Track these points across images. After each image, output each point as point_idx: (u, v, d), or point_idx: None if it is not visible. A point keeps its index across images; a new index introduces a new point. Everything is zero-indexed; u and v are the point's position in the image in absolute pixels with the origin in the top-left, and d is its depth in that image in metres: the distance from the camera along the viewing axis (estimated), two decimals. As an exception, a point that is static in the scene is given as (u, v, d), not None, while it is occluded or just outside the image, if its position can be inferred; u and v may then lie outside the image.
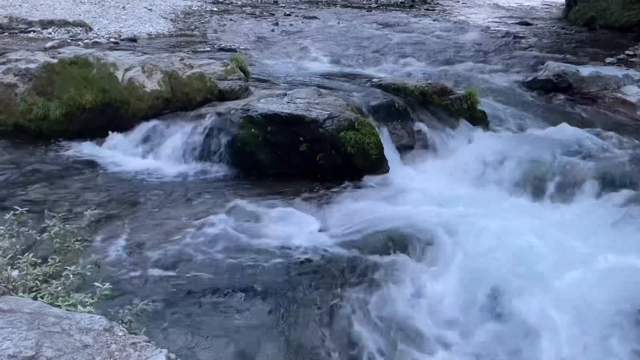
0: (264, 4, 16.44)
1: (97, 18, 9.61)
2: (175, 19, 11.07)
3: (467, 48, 9.60)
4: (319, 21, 12.44)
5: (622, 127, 5.74)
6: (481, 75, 7.72)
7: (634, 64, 8.23)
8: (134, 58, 5.28)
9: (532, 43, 10.60)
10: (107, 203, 3.70)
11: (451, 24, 13.32)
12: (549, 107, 6.28)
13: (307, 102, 4.89)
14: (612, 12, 14.00)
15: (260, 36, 9.91)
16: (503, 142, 4.99)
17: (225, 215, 3.66)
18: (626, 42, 10.78)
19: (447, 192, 4.29)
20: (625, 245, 3.53)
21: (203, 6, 13.83)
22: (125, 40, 8.21)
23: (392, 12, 16.56)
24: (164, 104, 4.96)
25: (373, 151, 4.61)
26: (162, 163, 4.54)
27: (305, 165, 4.55)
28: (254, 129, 4.55)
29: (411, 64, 8.35)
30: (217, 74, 5.43)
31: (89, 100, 4.70)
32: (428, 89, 5.73)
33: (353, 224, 3.65)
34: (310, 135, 4.54)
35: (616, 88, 6.81)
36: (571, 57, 8.88)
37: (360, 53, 9.11)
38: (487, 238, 3.52)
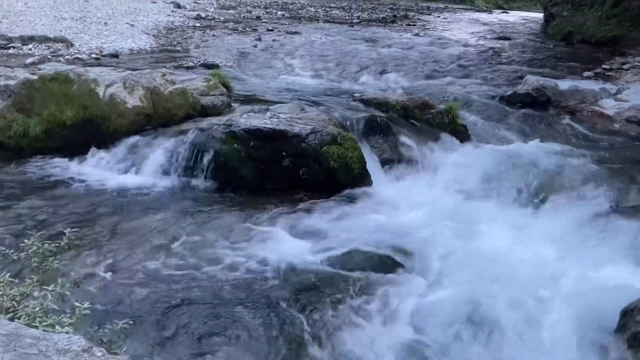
0: (246, 19, 16.52)
1: (79, 34, 9.58)
2: (158, 35, 11.07)
3: (448, 62, 9.72)
4: (301, 36, 12.52)
5: (600, 139, 5.85)
6: (462, 90, 7.81)
7: (611, 78, 8.38)
8: (115, 74, 5.26)
9: (512, 57, 10.77)
10: (88, 220, 3.66)
11: (432, 39, 13.48)
12: (529, 120, 6.37)
13: (290, 117, 4.91)
14: (589, 27, 14.28)
15: (242, 51, 9.94)
16: (484, 155, 5.04)
17: (207, 232, 3.64)
18: (602, 56, 10.98)
19: (430, 205, 4.31)
20: (606, 255, 3.58)
21: (185, 22, 13.86)
22: (107, 56, 8.19)
23: (374, 27, 16.72)
24: (145, 120, 4.94)
25: (356, 165, 4.63)
26: (144, 179, 4.50)
27: (289, 180, 4.55)
28: (236, 145, 4.55)
29: (393, 79, 8.43)
30: (199, 89, 5.42)
31: (70, 116, 4.66)
32: (409, 103, 5.79)
33: (336, 239, 3.65)
34: (293, 150, 4.55)
35: (594, 101, 6.93)
36: (550, 71, 9.02)
37: (342, 68, 9.18)
38: (470, 250, 3.54)
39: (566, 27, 15.72)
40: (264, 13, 19.51)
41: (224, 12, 18.41)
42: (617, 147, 5.58)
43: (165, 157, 4.58)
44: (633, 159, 5.09)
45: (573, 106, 6.85)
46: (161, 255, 3.28)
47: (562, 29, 15.87)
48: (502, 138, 5.71)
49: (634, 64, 9.22)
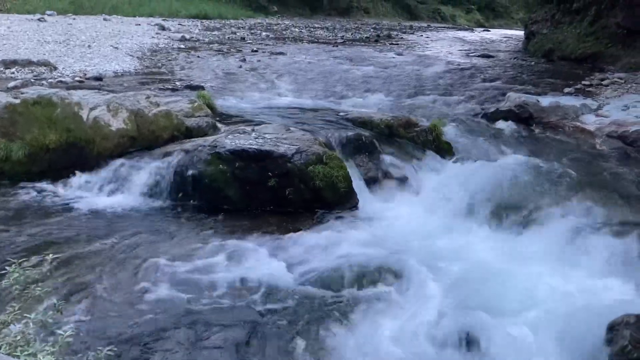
0: (231, 40, 16.61)
1: (62, 57, 9.56)
2: (142, 57, 11.07)
3: (431, 81, 9.83)
4: (286, 57, 12.61)
5: (582, 154, 5.92)
6: (445, 107, 7.89)
7: (591, 93, 8.53)
8: (99, 97, 5.25)
9: (494, 75, 10.92)
10: (71, 245, 3.61)
11: (415, 58, 13.65)
12: (512, 137, 6.44)
13: (275, 137, 4.92)
14: (568, 44, 14.56)
15: (227, 72, 9.98)
16: (468, 172, 5.07)
17: (193, 254, 3.61)
18: (582, 72, 11.19)
19: (416, 223, 4.32)
20: (591, 270, 3.61)
21: (170, 44, 13.90)
22: (91, 79, 8.17)
23: (358, 47, 16.90)
24: (130, 142, 4.92)
25: (342, 184, 4.64)
26: (129, 202, 4.47)
27: (275, 200, 4.55)
28: (221, 165, 4.54)
29: (377, 98, 8.50)
30: (184, 111, 5.42)
31: (53, 140, 4.63)
32: (394, 122, 5.83)
33: (322, 258, 3.63)
34: (278, 170, 4.55)
35: (575, 117, 7.03)
36: (531, 88, 9.16)
37: (327, 87, 9.24)
38: (457, 268, 3.55)
39: (546, 44, 16.01)
40: (249, 34, 19.64)
41: (209, 33, 18.50)
42: (599, 162, 5.65)
43: (150, 179, 4.56)
44: (615, 173, 5.15)
45: (555, 122, 6.95)
46: (145, 278, 3.24)
47: (543, 46, 16.16)
48: (486, 154, 5.75)
49: (613, 79, 9.39)
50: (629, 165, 5.51)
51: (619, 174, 5.17)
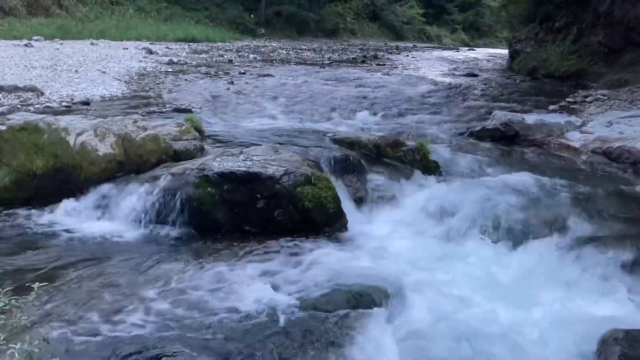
0: (218, 63, 16.69)
1: (49, 82, 9.54)
2: (130, 81, 11.09)
3: (418, 100, 9.92)
4: (273, 79, 12.68)
5: (568, 171, 5.98)
6: (432, 127, 7.96)
7: (575, 111, 8.65)
8: (86, 122, 5.24)
9: (480, 93, 11.05)
10: (58, 272, 3.57)
11: (402, 78, 13.79)
12: (498, 155, 6.50)
13: (264, 159, 4.93)
14: (552, 62, 14.79)
15: (215, 95, 10.01)
16: (456, 191, 5.11)
17: (182, 279, 3.58)
18: (566, 89, 11.36)
19: (405, 243, 4.33)
20: (581, 286, 3.63)
21: (158, 67, 13.94)
22: (78, 103, 8.15)
23: (345, 67, 17.04)
24: (117, 166, 4.91)
25: (330, 205, 4.64)
26: (117, 227, 4.44)
27: (264, 222, 4.54)
28: (210, 188, 4.54)
29: (364, 118, 8.57)
30: (171, 134, 5.42)
31: (40, 166, 4.60)
32: (381, 142, 5.87)
33: (312, 280, 3.61)
34: (267, 191, 4.55)
35: (560, 134, 7.12)
36: (517, 106, 9.27)
37: (314, 108, 9.29)
38: (446, 287, 3.56)
39: (531, 62, 16.26)
40: (236, 56, 19.75)
41: (196, 56, 18.58)
42: (584, 178, 5.72)
43: (137, 204, 4.54)
44: (600, 189, 5.21)
45: (540, 139, 7.03)
46: (134, 306, 3.20)
47: (527, 65, 16.40)
48: (473, 173, 5.80)
49: (597, 96, 9.54)
50: (614, 181, 5.58)
51: (605, 189, 5.22)
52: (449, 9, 56.10)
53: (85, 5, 25.97)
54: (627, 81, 10.65)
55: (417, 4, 51.03)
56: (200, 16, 32.77)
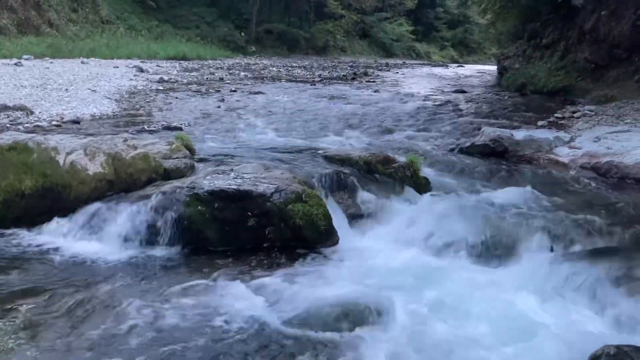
0: (209, 81, 16.74)
1: (39, 101, 9.52)
2: (120, 99, 11.09)
3: (408, 117, 9.99)
4: (264, 96, 12.73)
5: (558, 186, 6.02)
6: (422, 143, 8.00)
7: (564, 126, 8.73)
8: (76, 141, 5.22)
9: (469, 110, 11.14)
10: (46, 294, 3.52)
11: (391, 95, 13.89)
12: (488, 171, 6.53)
13: (254, 177, 4.93)
14: (540, 79, 14.98)
15: (206, 113, 10.03)
16: (446, 207, 5.12)
17: (172, 298, 3.56)
18: (555, 105, 11.48)
19: (396, 260, 4.32)
20: (570, 302, 3.64)
21: (148, 85, 13.97)
22: (68, 122, 8.14)
23: (335, 85, 17.15)
24: (107, 186, 4.89)
25: (322, 222, 4.64)
26: (106, 246, 4.40)
27: (255, 240, 4.53)
28: (200, 207, 4.52)
29: (355, 135, 8.60)
30: (162, 153, 5.41)
31: (29, 186, 4.58)
32: (372, 158, 5.89)
33: (304, 298, 3.60)
34: (258, 209, 4.54)
35: (549, 150, 7.18)
36: (506, 122, 9.36)
37: (305, 126, 9.33)
38: (437, 304, 3.55)
39: (519, 78, 16.45)
40: (227, 74, 19.84)
41: (187, 74, 18.64)
42: (574, 193, 5.76)
43: (127, 223, 4.51)
44: (590, 204, 5.25)
45: (529, 155, 7.08)
46: (124, 327, 3.17)
47: (516, 81, 16.59)
48: (464, 189, 5.83)
49: (584, 112, 9.64)
50: (603, 196, 5.63)
51: (594, 204, 5.26)
52: (438, 26, 56.82)
53: (76, 24, 26.04)
54: (614, 97, 10.79)
55: (407, 22, 51.69)
56: (191, 34, 32.97)
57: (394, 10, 50.98)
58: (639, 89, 10.61)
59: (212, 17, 36.18)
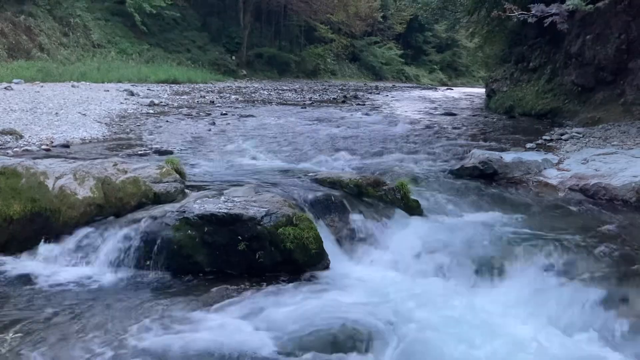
0: (200, 104, 16.80)
1: (29, 125, 9.50)
2: (110, 123, 11.09)
3: (398, 140, 10.05)
4: (255, 119, 12.78)
5: (547, 208, 6.06)
6: (412, 165, 8.04)
7: (552, 148, 8.81)
8: (66, 165, 5.20)
9: (458, 132, 11.23)
10: (33, 322, 3.47)
11: (381, 117, 13.99)
12: (478, 193, 6.56)
13: (245, 200, 4.92)
14: (528, 101, 15.16)
15: (196, 136, 10.04)
16: (437, 230, 5.14)
17: (162, 325, 3.52)
18: (543, 127, 11.61)
19: (387, 283, 4.31)
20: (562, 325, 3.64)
21: (139, 109, 13.98)
22: (58, 146, 8.12)
23: (326, 107, 17.26)
24: (97, 210, 4.86)
25: (312, 245, 4.63)
26: (95, 272, 4.36)
27: (245, 264, 4.50)
28: (190, 231, 4.50)
29: (345, 157, 8.63)
30: (152, 177, 5.40)
31: (17, 211, 4.54)
32: (362, 181, 5.90)
33: (295, 323, 3.58)
34: (248, 233, 4.53)
35: (538, 172, 7.23)
36: (495, 144, 9.43)
37: (296, 148, 9.36)
38: (428, 326, 3.54)
39: (507, 101, 16.65)
40: (218, 97, 19.92)
41: (178, 98, 18.70)
42: (563, 215, 5.79)
43: (116, 248, 4.48)
44: (579, 226, 5.27)
45: (519, 177, 7.13)
46: (109, 353, 3.13)
47: (504, 103, 16.79)
48: (454, 211, 5.85)
49: (572, 134, 9.74)
50: (592, 218, 5.66)
51: (583, 226, 5.29)
52: (427, 50, 57.56)
53: (67, 48, 26.12)
54: (601, 119, 10.93)
55: (396, 46, 52.33)
56: (182, 58, 33.15)
57: (383, 35, 51.63)
58: (624, 111, 10.75)
59: (203, 41, 36.44)
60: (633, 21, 10.89)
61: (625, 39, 11.07)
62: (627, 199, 6.14)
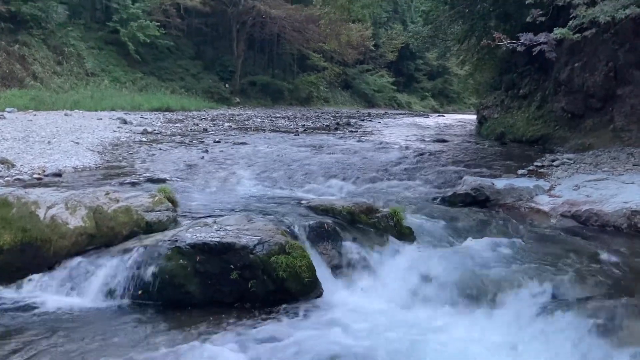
0: (193, 132, 16.84)
1: (21, 154, 9.48)
2: (103, 151, 11.08)
3: (390, 166, 10.08)
4: (248, 146, 12.81)
5: (539, 234, 6.07)
6: (405, 192, 8.06)
7: (543, 174, 8.86)
8: (57, 194, 5.19)
9: (450, 159, 11.29)
10: (22, 353, 3.43)
11: (374, 144, 14.05)
12: (470, 220, 6.57)
13: (237, 229, 4.90)
14: (519, 128, 15.29)
15: (189, 164, 10.04)
16: (430, 257, 5.12)
17: (154, 357, 3.47)
18: (534, 154, 11.69)
19: (380, 312, 4.29)
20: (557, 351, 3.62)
21: (132, 137, 14.00)
22: (50, 175, 8.09)
23: (319, 135, 17.35)
24: (88, 240, 4.83)
25: (305, 274, 4.60)
26: (86, 302, 4.32)
27: (237, 293, 4.47)
28: (182, 260, 4.48)
29: (338, 184, 8.65)
30: (144, 205, 5.39)
31: (7, 241, 4.50)
32: (355, 208, 5.91)
33: (287, 354, 3.54)
34: (240, 262, 4.50)
35: (529, 198, 7.26)
36: (486, 170, 9.47)
37: (289, 175, 9.36)
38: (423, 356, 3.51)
39: (498, 127, 16.79)
40: (211, 125, 19.98)
41: (171, 125, 18.75)
42: (556, 242, 5.80)
43: (107, 278, 4.44)
44: (572, 252, 5.28)
45: (511, 204, 7.16)
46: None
47: (495, 130, 16.93)
48: (447, 238, 5.85)
49: (563, 160, 9.81)
50: (584, 244, 5.67)
51: (576, 252, 5.29)
52: (418, 77, 58.19)
53: (61, 77, 26.22)
54: (591, 145, 11.04)
55: (388, 73, 52.87)
56: (175, 86, 33.32)
57: (375, 63, 52.22)
58: (614, 137, 10.87)
59: (196, 70, 36.70)
60: (619, 49, 11.08)
61: (612, 66, 11.25)
62: (619, 225, 6.17)
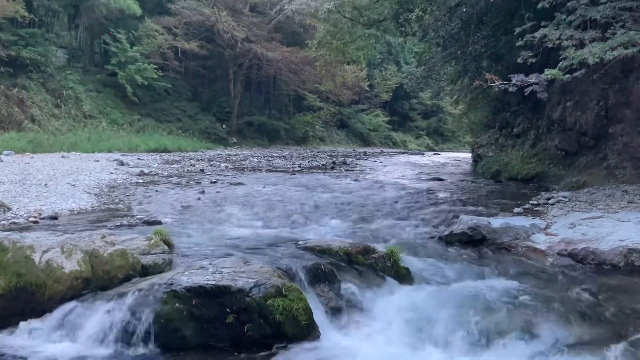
0: (190, 173, 16.89)
1: (17, 197, 9.47)
2: (100, 194, 11.09)
3: (386, 205, 10.10)
4: (244, 187, 12.83)
5: (537, 274, 6.05)
6: (401, 231, 8.06)
7: (539, 213, 8.89)
8: (53, 238, 5.18)
9: (446, 197, 11.31)
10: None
11: (370, 183, 14.10)
12: (467, 259, 6.56)
13: (233, 271, 4.89)
14: (514, 166, 15.39)
15: (186, 205, 10.03)
16: (428, 298, 5.10)
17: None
18: (529, 192, 11.73)
19: (380, 355, 4.25)
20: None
21: (128, 179, 14.02)
22: (46, 218, 8.07)
23: (315, 174, 17.41)
24: (83, 284, 4.80)
25: (302, 317, 4.57)
26: (81, 348, 4.27)
27: (233, 337, 4.43)
28: (178, 304, 4.44)
29: (335, 224, 8.64)
30: (140, 248, 5.38)
31: (2, 286, 4.48)
32: (352, 249, 5.91)
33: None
34: (236, 305, 4.48)
35: (526, 237, 7.27)
36: (482, 209, 9.48)
37: (285, 216, 9.36)
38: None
39: (493, 166, 16.89)
40: (208, 165, 20.06)
41: (168, 166, 18.81)
42: (553, 280, 5.78)
43: (103, 323, 4.40)
44: (569, 291, 5.27)
45: (507, 243, 7.16)
46: None
47: (490, 168, 17.02)
48: (444, 278, 5.82)
49: (558, 198, 9.85)
50: (581, 283, 5.65)
51: (573, 291, 5.28)
52: (413, 116, 58.79)
53: (58, 119, 26.40)
54: (586, 183, 11.09)
55: (383, 113, 53.44)
56: (172, 127, 33.55)
57: (370, 103, 52.82)
58: (608, 174, 10.94)
59: (194, 111, 37.03)
60: (609, 89, 11.27)
61: (603, 105, 11.42)
62: (616, 263, 6.17)
